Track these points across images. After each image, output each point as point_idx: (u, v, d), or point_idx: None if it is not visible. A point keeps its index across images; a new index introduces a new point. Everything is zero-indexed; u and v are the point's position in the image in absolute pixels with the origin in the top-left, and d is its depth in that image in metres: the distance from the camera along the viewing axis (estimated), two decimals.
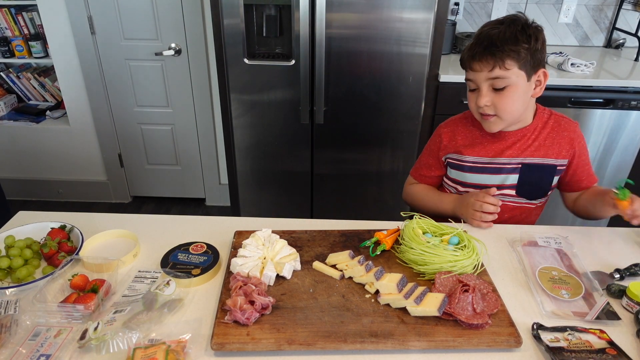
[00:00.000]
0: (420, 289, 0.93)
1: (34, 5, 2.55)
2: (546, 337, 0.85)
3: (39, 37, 2.74)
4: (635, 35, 2.48)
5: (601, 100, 2.14)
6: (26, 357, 0.80)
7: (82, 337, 0.83)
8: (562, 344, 0.83)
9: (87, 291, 0.93)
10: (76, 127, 2.80)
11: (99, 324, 0.84)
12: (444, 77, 2.10)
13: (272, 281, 0.98)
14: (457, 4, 2.58)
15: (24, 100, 3.04)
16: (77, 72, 2.63)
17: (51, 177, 2.97)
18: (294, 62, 2.02)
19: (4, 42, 2.71)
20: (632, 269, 1.05)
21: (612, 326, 0.90)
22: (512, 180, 1.30)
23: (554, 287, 0.99)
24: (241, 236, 1.12)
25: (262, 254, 1.03)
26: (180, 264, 1.03)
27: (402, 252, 1.07)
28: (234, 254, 1.04)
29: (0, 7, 2.68)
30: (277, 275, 0.99)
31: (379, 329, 0.87)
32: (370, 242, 1.11)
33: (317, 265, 1.04)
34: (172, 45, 2.52)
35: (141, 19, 2.46)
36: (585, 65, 2.18)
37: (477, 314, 0.89)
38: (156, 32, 2.49)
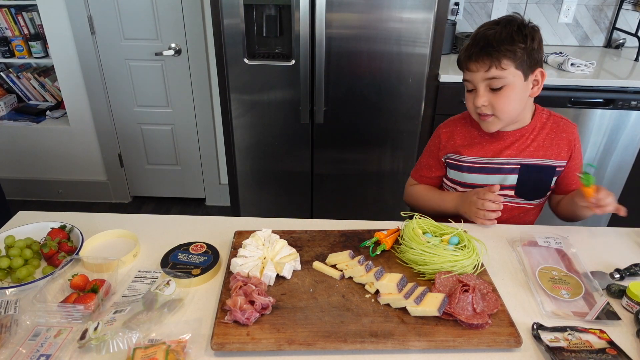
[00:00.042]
0: (420, 289, 0.93)
1: (34, 5, 2.55)
2: (546, 337, 0.85)
3: (39, 37, 2.74)
4: (635, 35, 2.48)
5: (601, 100, 2.14)
6: (26, 357, 0.80)
7: (82, 337, 0.83)
8: (562, 344, 0.83)
9: (87, 291, 0.93)
10: (76, 127, 2.80)
11: (99, 324, 0.84)
12: (444, 77, 2.10)
13: (272, 281, 0.98)
14: (457, 4, 2.58)
15: (24, 100, 3.04)
16: (77, 72, 2.63)
17: (51, 177, 2.97)
18: (294, 62, 2.02)
19: (4, 42, 2.71)
20: (632, 269, 1.05)
21: (612, 326, 0.90)
22: (511, 180, 1.30)
23: (554, 287, 0.99)
24: (241, 236, 1.12)
25: (262, 254, 1.03)
26: (180, 264, 1.03)
27: (402, 252, 1.07)
28: (234, 254, 1.04)
29: (0, 7, 2.68)
30: (277, 275, 0.99)
31: (379, 329, 0.87)
32: (370, 242, 1.11)
33: (317, 265, 1.04)
34: (172, 45, 2.52)
35: (141, 19, 2.46)
36: (585, 65, 2.18)
37: (477, 314, 0.89)
38: (156, 32, 2.49)
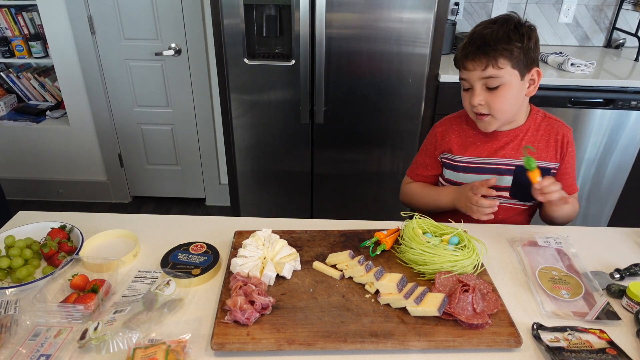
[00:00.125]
0: (420, 289, 0.93)
1: (34, 5, 2.55)
2: (546, 337, 0.85)
3: (39, 37, 2.74)
4: (635, 35, 2.48)
5: (601, 100, 2.14)
6: (26, 357, 0.80)
7: (82, 337, 0.83)
8: (562, 344, 0.83)
9: (87, 291, 0.93)
10: (76, 127, 2.80)
11: (99, 324, 0.84)
12: (444, 77, 2.10)
13: (272, 281, 0.98)
14: (457, 4, 2.58)
15: (24, 100, 3.04)
16: (77, 72, 2.63)
17: (51, 177, 2.97)
18: (294, 62, 2.02)
19: (4, 42, 2.71)
20: (632, 269, 1.05)
21: (612, 326, 0.90)
22: (505, 182, 1.29)
23: (554, 287, 0.99)
24: (241, 236, 1.12)
25: (262, 254, 1.03)
26: (180, 264, 1.03)
27: (402, 252, 1.07)
28: (234, 254, 1.04)
29: (0, 7, 2.68)
30: (277, 275, 0.99)
31: (379, 329, 0.87)
32: (370, 242, 1.11)
33: (317, 265, 1.04)
34: (172, 45, 2.52)
35: (141, 19, 2.46)
36: (585, 65, 2.18)
37: (477, 314, 0.89)
38: (156, 32, 2.49)
